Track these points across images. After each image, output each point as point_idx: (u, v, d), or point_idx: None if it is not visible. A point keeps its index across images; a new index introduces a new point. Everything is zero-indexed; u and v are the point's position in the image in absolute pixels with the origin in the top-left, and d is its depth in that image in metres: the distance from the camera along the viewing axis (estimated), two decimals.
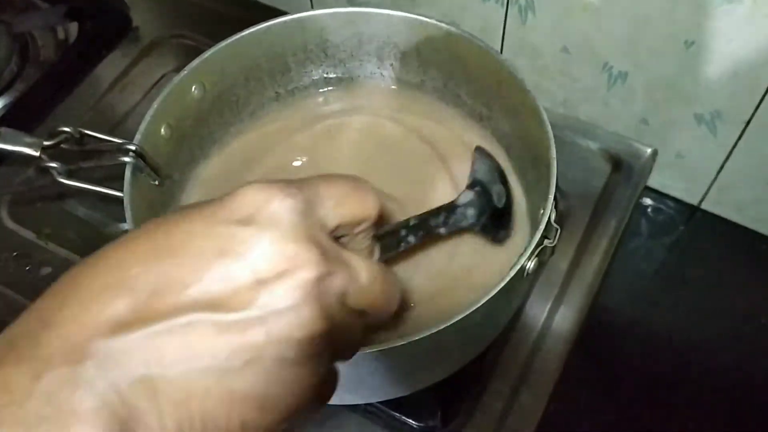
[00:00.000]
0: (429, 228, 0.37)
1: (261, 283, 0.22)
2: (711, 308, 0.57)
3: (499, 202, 0.43)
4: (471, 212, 0.41)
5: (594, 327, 0.53)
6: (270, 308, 0.22)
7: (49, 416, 0.20)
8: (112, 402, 0.21)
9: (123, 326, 0.21)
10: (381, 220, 0.29)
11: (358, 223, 0.27)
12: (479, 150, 0.44)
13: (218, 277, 0.22)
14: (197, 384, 0.22)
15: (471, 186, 0.42)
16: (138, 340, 0.21)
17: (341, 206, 0.26)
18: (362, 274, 0.25)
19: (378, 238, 0.30)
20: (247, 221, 0.23)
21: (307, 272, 0.23)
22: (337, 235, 0.27)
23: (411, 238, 0.36)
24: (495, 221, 0.44)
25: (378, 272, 0.26)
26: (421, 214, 0.37)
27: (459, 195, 0.41)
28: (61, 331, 0.21)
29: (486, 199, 0.42)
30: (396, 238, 0.36)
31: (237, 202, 0.23)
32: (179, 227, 0.23)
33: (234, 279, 0.22)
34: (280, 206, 0.23)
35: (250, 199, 0.23)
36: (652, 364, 0.54)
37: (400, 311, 0.46)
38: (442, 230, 0.39)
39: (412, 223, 0.37)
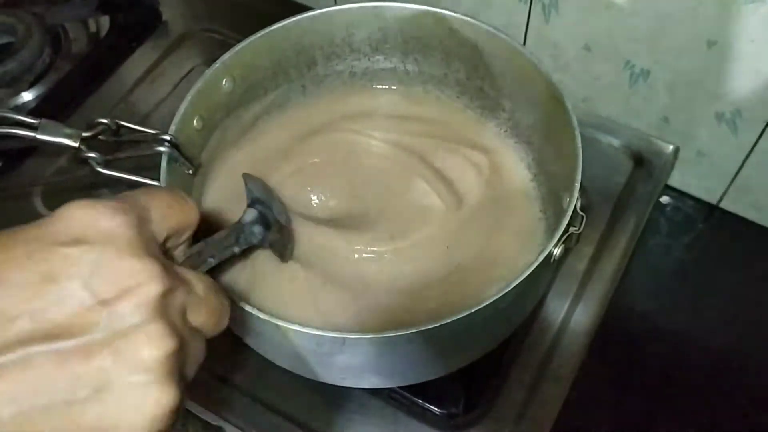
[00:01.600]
0: (222, 248, 0.38)
1: (103, 303, 0.21)
2: (729, 307, 0.57)
3: (281, 217, 0.44)
4: (258, 229, 0.41)
5: (612, 324, 0.53)
6: (115, 328, 0.21)
7: None
8: None
9: None
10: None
11: (183, 232, 0.27)
12: (246, 174, 0.44)
13: (50, 303, 0.20)
14: (41, 424, 0.20)
15: (251, 204, 0.42)
16: None
17: (167, 218, 0.25)
18: (198, 287, 0.25)
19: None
20: (76, 241, 0.21)
21: (152, 288, 0.22)
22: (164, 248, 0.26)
23: (211, 259, 0.36)
24: (281, 237, 0.44)
25: (211, 284, 0.26)
26: (213, 237, 0.38)
27: (243, 213, 0.41)
28: None
29: (269, 216, 0.43)
30: (197, 260, 0.36)
31: (62, 223, 0.22)
32: None
33: (70, 302, 0.20)
34: (112, 222, 0.22)
35: (77, 218, 0.22)
36: (670, 361, 0.55)
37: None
38: (236, 249, 0.39)
39: (210, 244, 0.37)
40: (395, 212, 0.50)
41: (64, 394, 0.20)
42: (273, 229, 0.43)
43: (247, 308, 0.38)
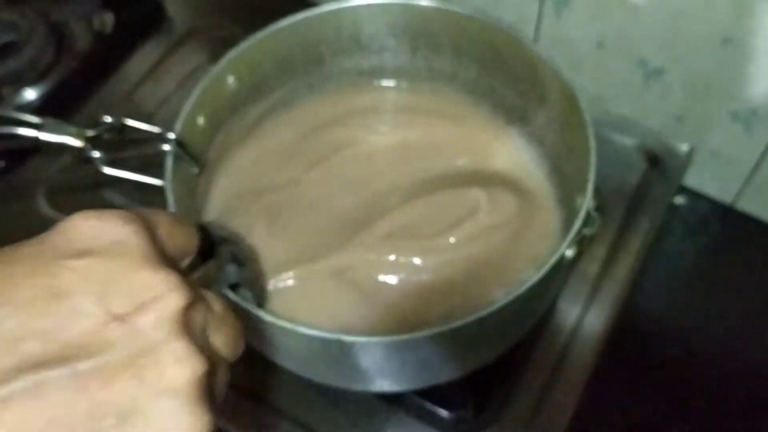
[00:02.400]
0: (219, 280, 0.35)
1: (119, 318, 0.19)
2: (745, 310, 0.56)
3: (250, 254, 0.42)
4: (232, 268, 0.38)
5: (626, 327, 0.53)
6: (136, 347, 0.19)
7: None
8: None
9: None
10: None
11: (185, 256, 0.24)
12: (204, 222, 0.42)
13: (61, 321, 0.18)
14: None
15: (218, 244, 0.38)
16: None
17: (172, 237, 0.23)
18: (216, 305, 0.23)
19: None
20: (83, 254, 0.19)
21: (172, 301, 0.20)
22: None
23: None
24: (253, 276, 0.43)
25: (228, 304, 0.24)
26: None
27: (216, 254, 0.37)
28: None
29: (239, 254, 0.40)
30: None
31: (66, 236, 0.20)
32: None
33: (81, 320, 0.18)
34: (123, 232, 0.20)
35: (82, 229, 0.20)
36: (685, 365, 0.54)
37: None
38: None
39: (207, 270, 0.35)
40: (407, 211, 0.49)
41: (85, 425, 0.18)
42: (246, 267, 0.40)
43: (254, 311, 0.37)
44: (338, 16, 0.51)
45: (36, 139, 0.42)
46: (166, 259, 0.21)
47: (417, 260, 0.47)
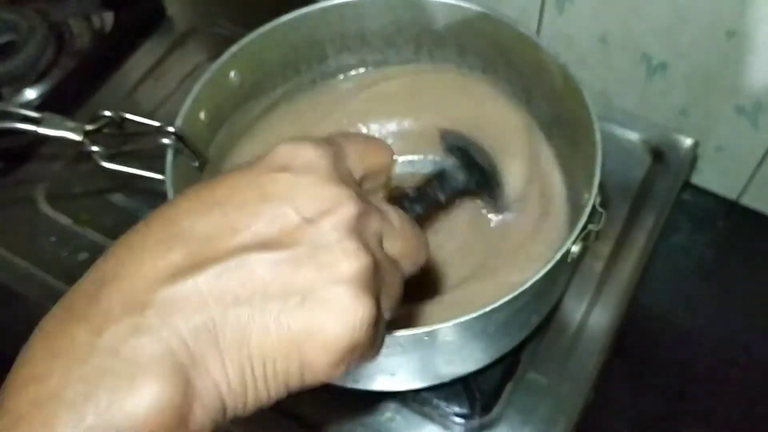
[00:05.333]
0: (427, 196, 0.38)
1: (307, 221, 0.23)
2: (750, 305, 0.56)
3: (484, 162, 0.43)
4: (461, 175, 0.41)
5: (632, 323, 0.52)
6: (319, 243, 0.23)
7: (113, 368, 0.20)
8: (174, 349, 0.21)
9: (179, 274, 0.22)
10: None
11: (379, 174, 0.29)
12: (443, 129, 0.44)
13: (265, 219, 0.23)
14: (256, 323, 0.22)
15: (449, 152, 0.42)
16: (195, 284, 0.22)
17: (364, 158, 0.27)
18: (394, 218, 0.27)
19: None
20: (284, 169, 0.24)
21: (347, 210, 0.24)
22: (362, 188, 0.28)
23: (417, 208, 0.36)
24: (488, 186, 0.44)
25: (406, 219, 0.28)
26: (416, 185, 0.38)
27: (442, 161, 0.42)
28: (119, 286, 0.22)
29: (470, 161, 0.42)
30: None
31: (272, 156, 0.25)
32: (222, 183, 0.24)
33: (281, 219, 0.23)
34: (314, 154, 0.25)
35: (284, 151, 0.25)
36: (691, 361, 0.53)
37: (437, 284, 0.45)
38: (441, 196, 0.39)
39: (410, 194, 0.37)
40: None
41: (276, 297, 0.22)
42: (476, 174, 0.42)
43: None
44: (342, 12, 0.51)
45: (35, 133, 0.41)
46: (348, 178, 0.26)
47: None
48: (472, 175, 0.41)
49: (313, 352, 0.23)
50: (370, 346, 0.24)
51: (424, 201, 0.37)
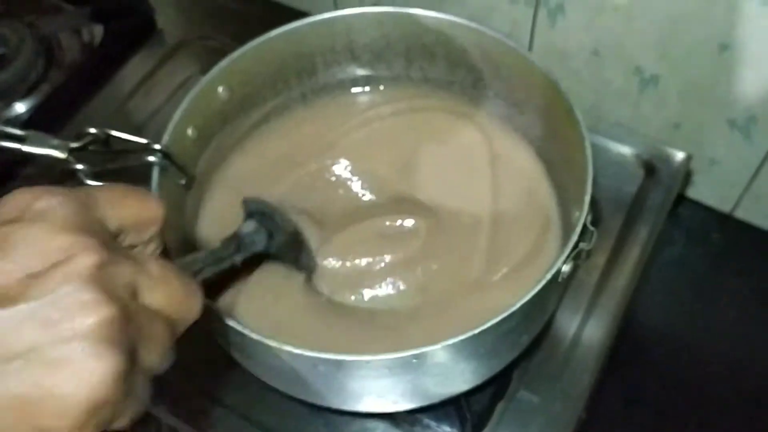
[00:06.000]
0: (222, 258, 0.38)
1: (32, 277, 0.22)
2: (745, 319, 0.55)
3: (286, 225, 0.44)
4: (260, 238, 0.41)
5: (625, 338, 0.52)
6: (44, 299, 0.21)
7: None
8: None
9: None
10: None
11: (143, 226, 0.27)
12: (246, 197, 0.45)
13: None
14: None
15: (249, 216, 0.43)
16: None
17: (119, 208, 0.26)
18: (152, 268, 0.25)
19: None
20: (12, 221, 0.22)
21: (84, 260, 0.22)
22: (127, 244, 0.26)
23: (208, 270, 0.36)
24: (292, 248, 0.44)
25: (171, 269, 0.26)
26: (212, 248, 0.38)
27: (240, 226, 0.42)
28: None
29: (271, 225, 0.43)
30: (192, 270, 0.36)
31: (3, 206, 0.23)
32: None
33: (2, 277, 0.21)
34: (48, 202, 0.23)
35: (17, 200, 0.23)
36: (685, 376, 0.53)
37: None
38: (237, 258, 0.39)
39: (203, 255, 0.37)
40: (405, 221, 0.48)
41: None
42: (277, 238, 0.42)
43: (239, 328, 0.36)
44: (331, 26, 0.51)
45: (20, 151, 0.41)
46: (94, 228, 0.24)
47: (419, 271, 0.46)
48: (271, 240, 0.42)
49: (48, 419, 0.21)
50: (124, 402, 0.23)
51: (214, 263, 0.37)
